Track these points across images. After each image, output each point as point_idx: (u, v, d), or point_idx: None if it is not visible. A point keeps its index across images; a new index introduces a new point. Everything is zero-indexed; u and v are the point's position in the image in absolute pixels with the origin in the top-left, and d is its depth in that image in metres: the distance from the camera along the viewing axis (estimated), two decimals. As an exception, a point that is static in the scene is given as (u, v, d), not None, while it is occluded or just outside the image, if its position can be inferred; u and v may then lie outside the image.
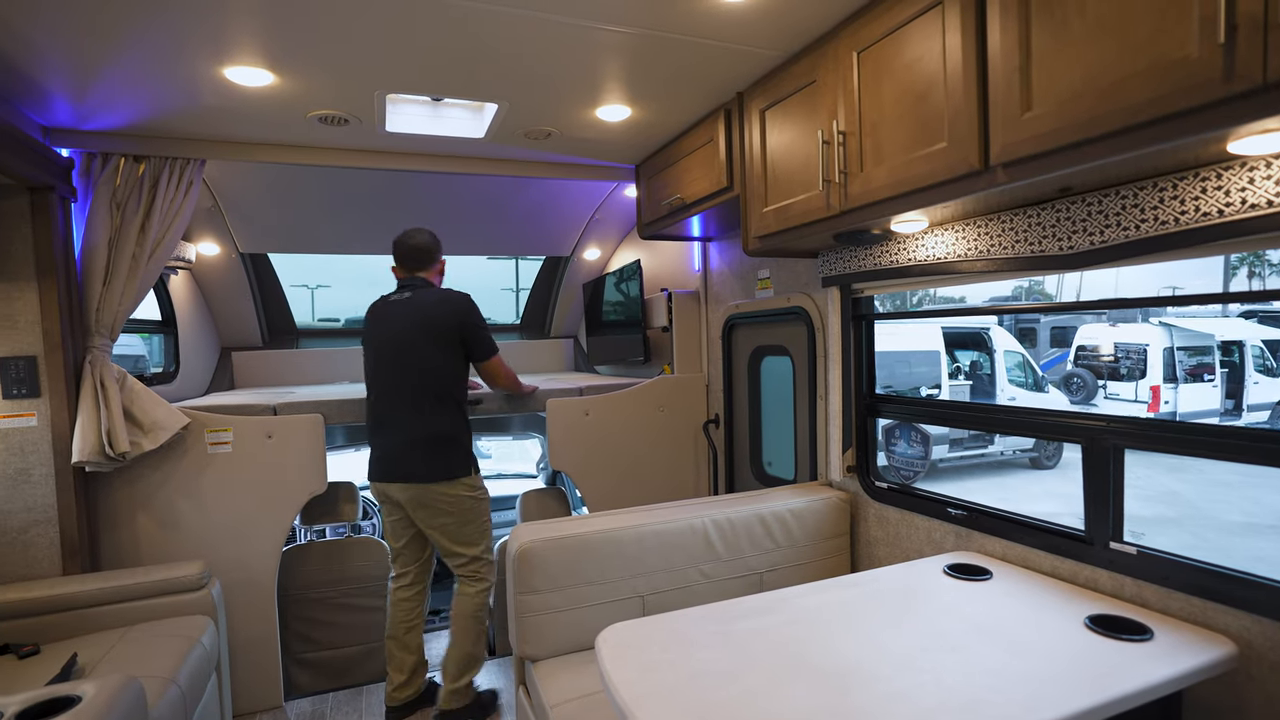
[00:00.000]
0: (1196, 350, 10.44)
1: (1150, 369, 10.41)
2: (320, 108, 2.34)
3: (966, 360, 10.71)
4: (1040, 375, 10.77)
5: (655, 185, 2.98)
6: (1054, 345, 15.18)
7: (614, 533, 2.06)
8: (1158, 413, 10.15)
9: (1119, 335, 11.06)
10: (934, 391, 9.64)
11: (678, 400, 3.36)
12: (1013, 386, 10.36)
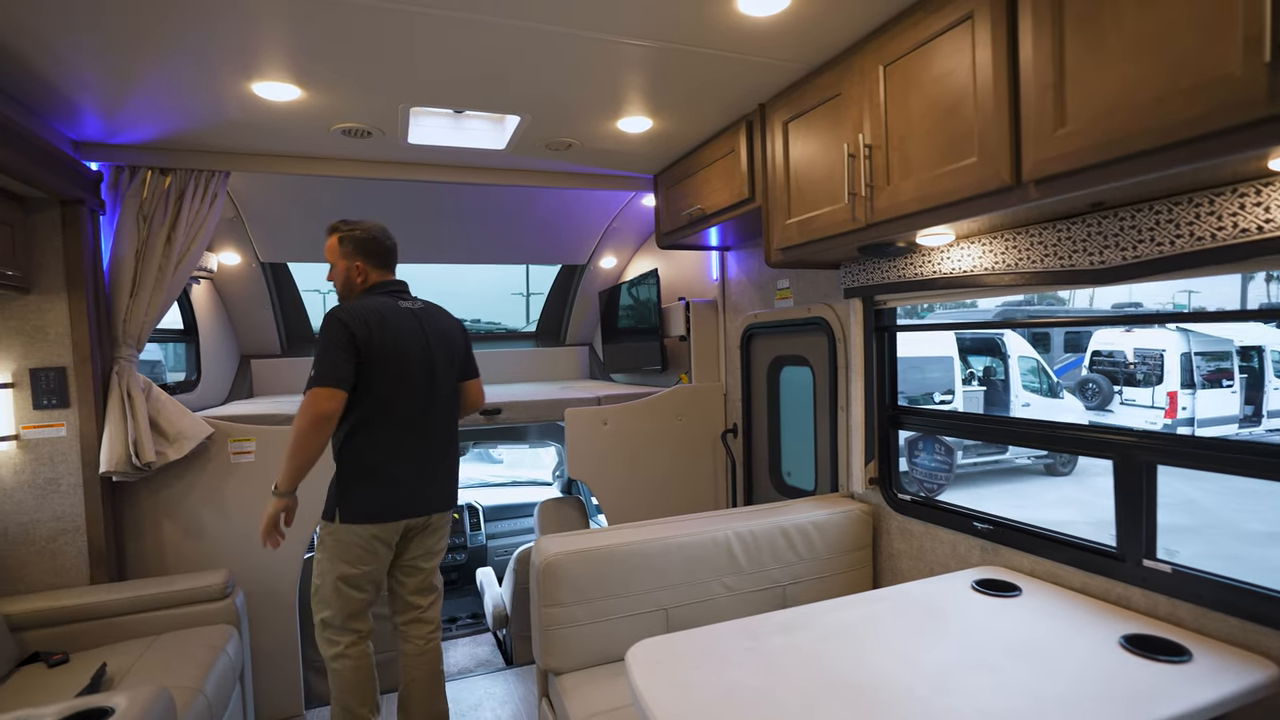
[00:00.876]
0: (1215, 355, 10.32)
1: (1167, 374, 10.29)
2: (344, 121, 2.36)
3: (980, 366, 10.64)
4: (1055, 381, 10.68)
5: (674, 195, 2.98)
6: (1068, 350, 15.07)
7: (638, 545, 2.06)
8: (1175, 418, 10.04)
9: (1135, 340, 10.95)
10: (947, 398, 9.58)
11: (696, 409, 3.36)
12: (1027, 393, 10.28)
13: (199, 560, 2.67)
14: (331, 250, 2.35)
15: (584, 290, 4.56)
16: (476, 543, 4.51)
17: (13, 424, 2.36)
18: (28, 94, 2.09)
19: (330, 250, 2.36)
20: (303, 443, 2.05)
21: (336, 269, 2.35)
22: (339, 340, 2.10)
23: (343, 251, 2.33)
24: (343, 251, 2.33)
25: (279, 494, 2.13)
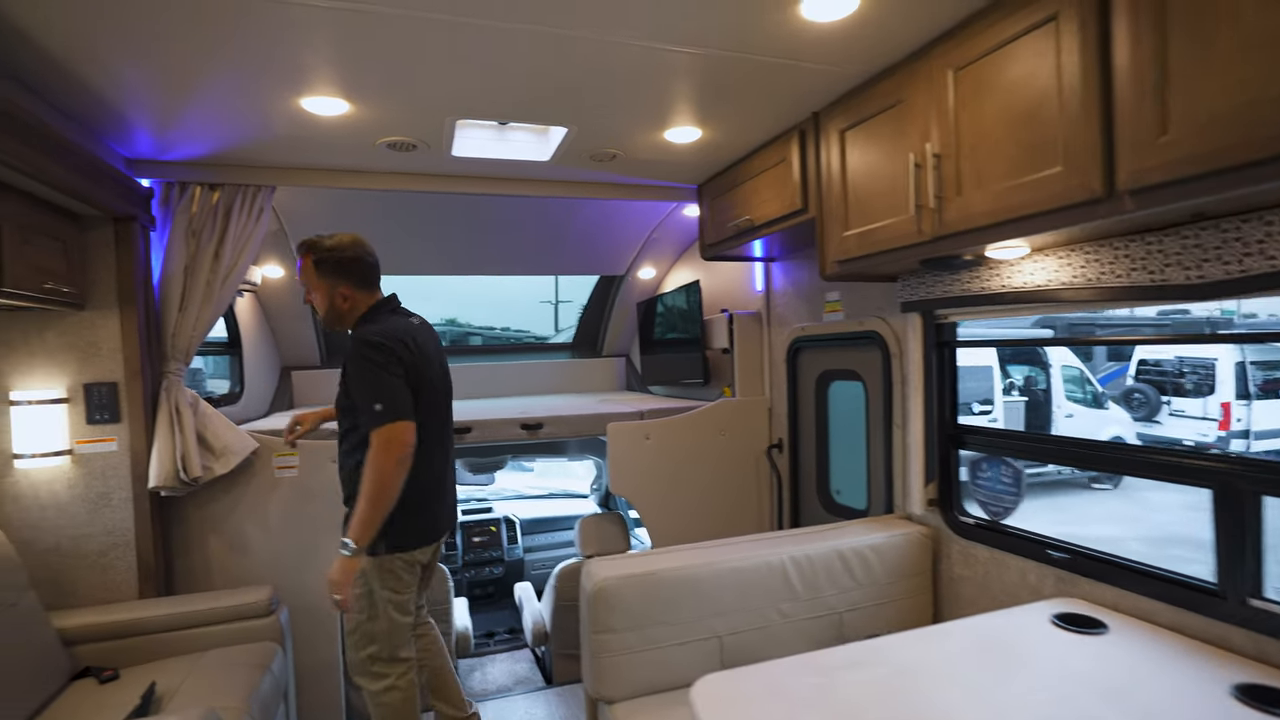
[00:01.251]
0: (1272, 364, 9.89)
1: (1220, 384, 9.89)
2: (390, 134, 2.35)
3: (1020, 375, 10.35)
4: (1100, 391, 10.34)
5: (720, 206, 2.92)
6: (1110, 359, 14.61)
7: (691, 570, 1.99)
8: (1229, 430, 9.63)
9: (1184, 348, 10.56)
10: (986, 408, 9.33)
11: (740, 424, 3.28)
12: (1070, 403, 9.96)
13: (243, 575, 2.67)
14: (307, 274, 2.13)
15: (621, 301, 4.51)
16: (514, 556, 4.47)
17: (67, 438, 2.38)
18: (85, 113, 2.11)
19: (306, 274, 2.13)
20: (391, 484, 1.94)
21: (316, 295, 2.14)
22: (393, 368, 2.01)
23: (320, 275, 2.11)
24: (320, 275, 2.11)
25: (356, 552, 1.96)
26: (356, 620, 2.16)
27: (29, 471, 2.34)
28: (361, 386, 1.99)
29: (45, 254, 2.12)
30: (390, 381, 1.99)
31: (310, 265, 2.14)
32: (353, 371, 2.05)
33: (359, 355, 2.02)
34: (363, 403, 1.98)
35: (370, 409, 1.96)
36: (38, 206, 2.09)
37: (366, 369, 1.99)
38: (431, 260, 3.87)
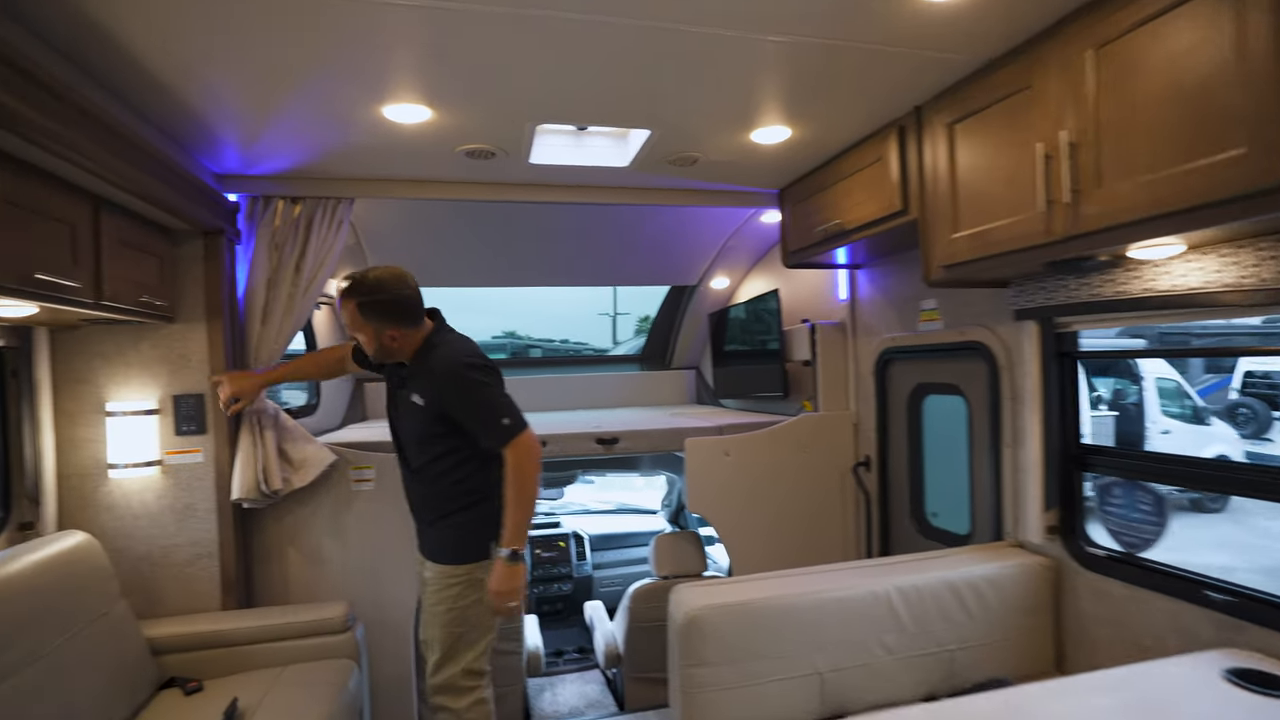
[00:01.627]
0: (1403, 378, 8.95)
1: (1342, 398, 9.01)
2: (470, 142, 2.30)
3: (1107, 388, 9.68)
4: (1200, 405, 9.58)
5: (805, 210, 2.77)
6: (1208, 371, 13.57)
7: (789, 600, 1.84)
8: (1352, 451, 8.75)
9: (1299, 360, 9.68)
10: (1073, 423, 8.72)
11: (823, 440, 3.10)
12: (1167, 419, 9.25)
13: (319, 588, 2.65)
14: (352, 318, 2.07)
15: (693, 312, 4.39)
16: (582, 573, 4.38)
17: (158, 449, 2.41)
18: (179, 130, 2.15)
19: (349, 317, 2.08)
20: (535, 489, 2.05)
21: (361, 336, 2.11)
22: (498, 383, 2.10)
23: (365, 319, 2.06)
24: (365, 319, 2.06)
25: (518, 557, 2.03)
26: (455, 634, 2.12)
27: (122, 481, 2.39)
28: (479, 408, 2.04)
29: (141, 268, 2.16)
30: (504, 396, 2.07)
31: (354, 309, 2.06)
32: (458, 398, 2.05)
33: (464, 379, 2.04)
34: (486, 422, 2.04)
35: (497, 425, 2.02)
36: (134, 221, 2.12)
37: (478, 390, 2.04)
38: (503, 272, 3.85)
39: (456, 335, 2.20)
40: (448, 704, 2.15)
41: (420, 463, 2.20)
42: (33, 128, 1.49)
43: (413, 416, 2.14)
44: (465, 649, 2.13)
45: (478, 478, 2.14)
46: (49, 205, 1.71)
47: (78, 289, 1.79)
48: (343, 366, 2.52)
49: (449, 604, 2.11)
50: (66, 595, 1.95)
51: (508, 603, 2.04)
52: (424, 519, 2.25)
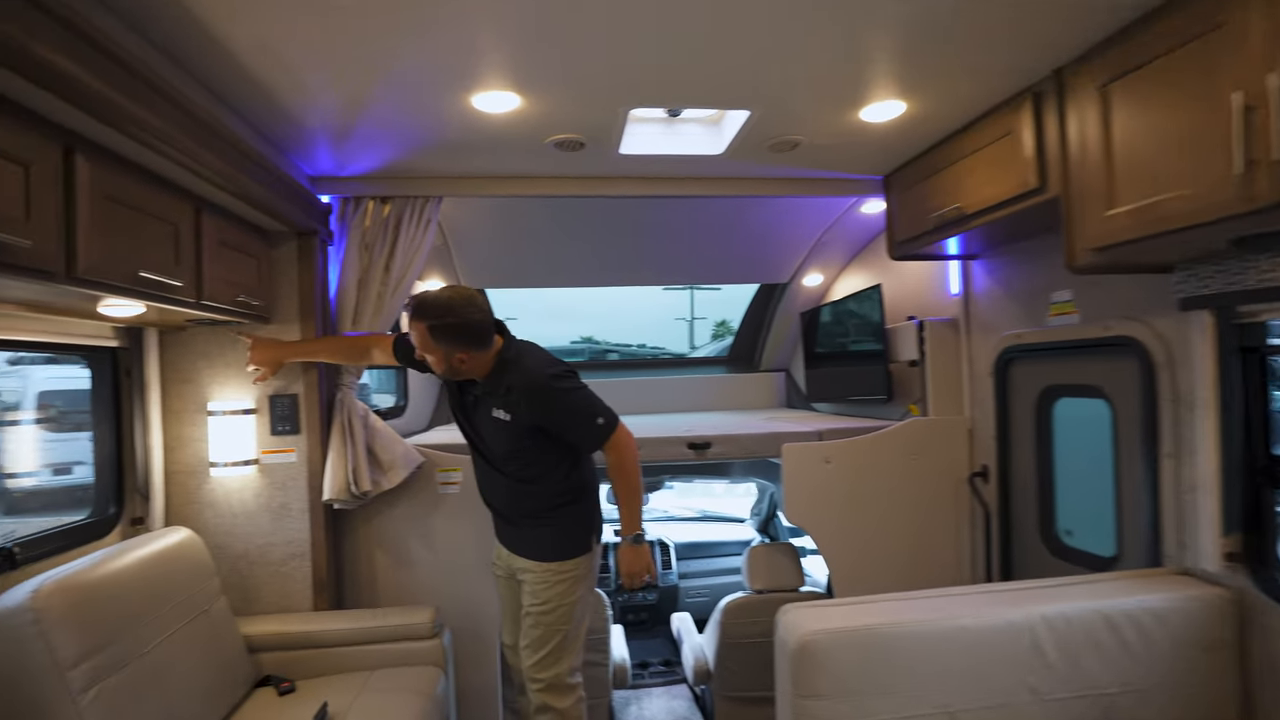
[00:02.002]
0: None
1: None
2: (560, 131, 2.21)
3: None
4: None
5: (915, 196, 2.53)
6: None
7: (914, 627, 1.63)
8: None
9: None
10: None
11: (933, 447, 2.84)
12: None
13: (406, 592, 2.62)
14: (422, 340, 2.03)
15: (784, 311, 4.17)
16: (668, 582, 4.22)
17: (255, 448, 2.44)
18: (275, 131, 2.17)
19: (420, 339, 2.03)
20: (639, 477, 2.17)
21: (431, 358, 2.06)
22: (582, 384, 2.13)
23: (436, 342, 2.01)
24: (436, 342, 2.01)
25: (642, 539, 2.19)
26: (560, 631, 2.14)
27: (223, 479, 2.43)
28: (572, 416, 2.08)
29: (239, 268, 2.18)
30: (591, 396, 2.11)
31: (424, 331, 2.01)
32: (550, 411, 2.06)
33: (552, 392, 2.05)
34: (581, 427, 2.08)
35: (593, 427, 2.08)
36: (232, 222, 2.14)
37: (568, 397, 2.07)
38: (589, 272, 3.77)
39: (527, 345, 2.18)
40: (552, 703, 2.13)
41: (512, 469, 2.17)
42: (142, 127, 1.50)
43: (498, 430, 2.11)
44: (570, 646, 2.16)
45: (574, 476, 2.17)
46: (154, 206, 1.73)
47: (180, 288, 1.80)
48: (369, 357, 2.45)
49: (555, 601, 2.12)
50: (171, 591, 1.98)
51: (640, 580, 2.19)
52: (513, 518, 2.23)
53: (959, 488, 2.84)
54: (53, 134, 1.40)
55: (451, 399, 2.26)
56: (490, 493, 2.28)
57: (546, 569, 2.15)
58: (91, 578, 1.74)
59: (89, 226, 1.48)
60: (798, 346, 4.27)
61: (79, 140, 1.47)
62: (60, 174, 1.42)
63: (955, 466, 2.84)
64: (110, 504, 2.27)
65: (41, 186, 1.36)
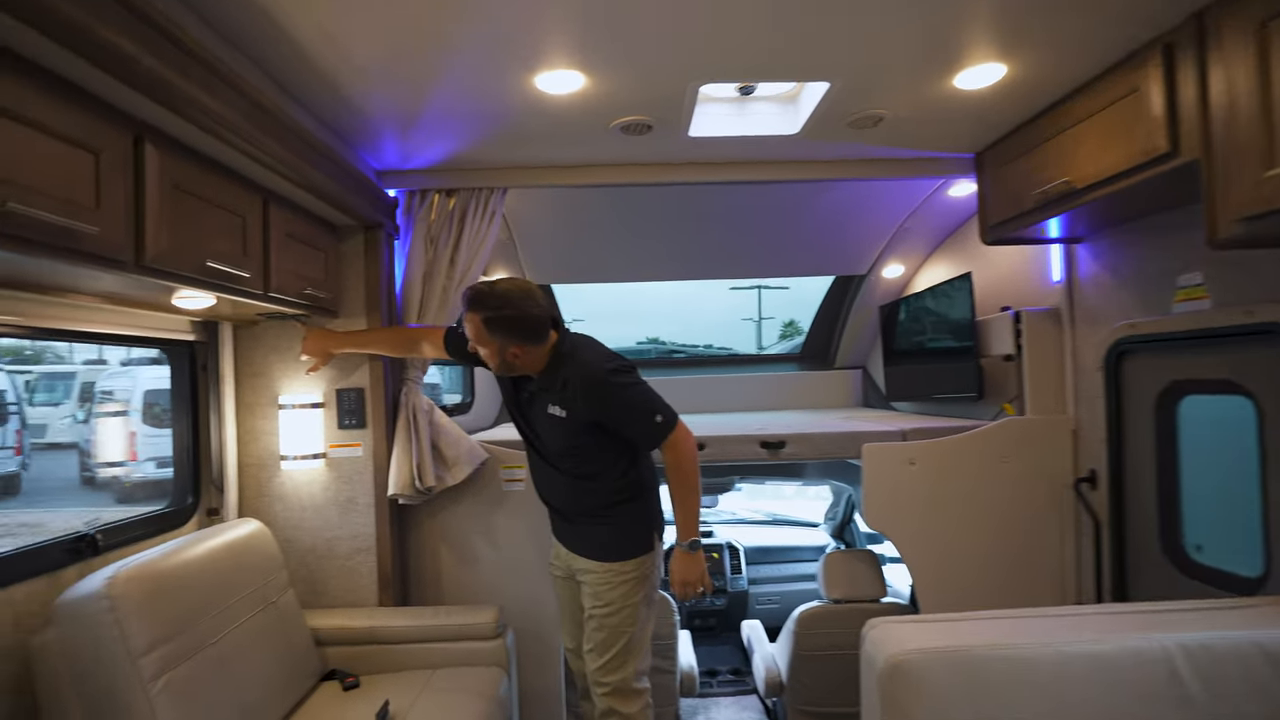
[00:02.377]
0: None
1: None
2: (626, 113, 2.11)
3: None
4: None
5: (1012, 174, 2.30)
6: None
7: (1024, 650, 1.43)
8: None
9: None
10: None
11: (1031, 449, 2.58)
12: None
13: (470, 590, 2.58)
14: (477, 332, 1.94)
15: (861, 305, 3.95)
16: (737, 588, 4.07)
17: (323, 442, 2.45)
18: (343, 125, 2.17)
19: (475, 331, 1.95)
20: (698, 478, 2.05)
21: (485, 351, 1.98)
22: (641, 379, 2.04)
23: (491, 334, 1.93)
24: (491, 334, 1.93)
25: (699, 544, 2.07)
26: (625, 634, 2.05)
27: (292, 473, 2.44)
28: (630, 412, 1.99)
29: (306, 261, 2.18)
30: (650, 392, 2.02)
31: (479, 324, 1.93)
32: (607, 408, 1.98)
33: (610, 387, 1.96)
34: (639, 424, 1.99)
35: (651, 424, 1.98)
36: (299, 215, 2.14)
37: (625, 393, 1.98)
38: (656, 265, 3.67)
39: (583, 339, 2.09)
40: (619, 708, 2.05)
41: (569, 465, 2.09)
42: (207, 114, 1.49)
43: (555, 427, 2.03)
44: (636, 649, 2.08)
45: (633, 473, 2.07)
46: (222, 197, 1.73)
47: (247, 279, 1.79)
48: (420, 350, 2.37)
49: (619, 602, 2.04)
50: (241, 582, 1.98)
51: (694, 590, 2.06)
52: (571, 516, 2.15)
53: (1061, 494, 2.57)
54: (122, 122, 1.40)
55: (506, 395, 2.19)
56: (547, 490, 2.20)
57: (608, 569, 2.06)
58: (164, 566, 1.75)
59: (157, 215, 1.47)
60: (876, 342, 4.04)
61: (147, 129, 1.47)
62: (130, 162, 1.42)
63: (1057, 471, 2.58)
64: (188, 494, 2.31)
65: (111, 174, 1.36)
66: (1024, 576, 2.56)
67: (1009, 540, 2.57)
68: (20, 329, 1.71)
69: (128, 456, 8.93)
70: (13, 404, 9.32)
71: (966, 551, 2.56)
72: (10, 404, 9.28)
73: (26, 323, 1.72)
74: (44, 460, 10.33)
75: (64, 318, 1.81)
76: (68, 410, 11.39)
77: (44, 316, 1.75)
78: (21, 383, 10.82)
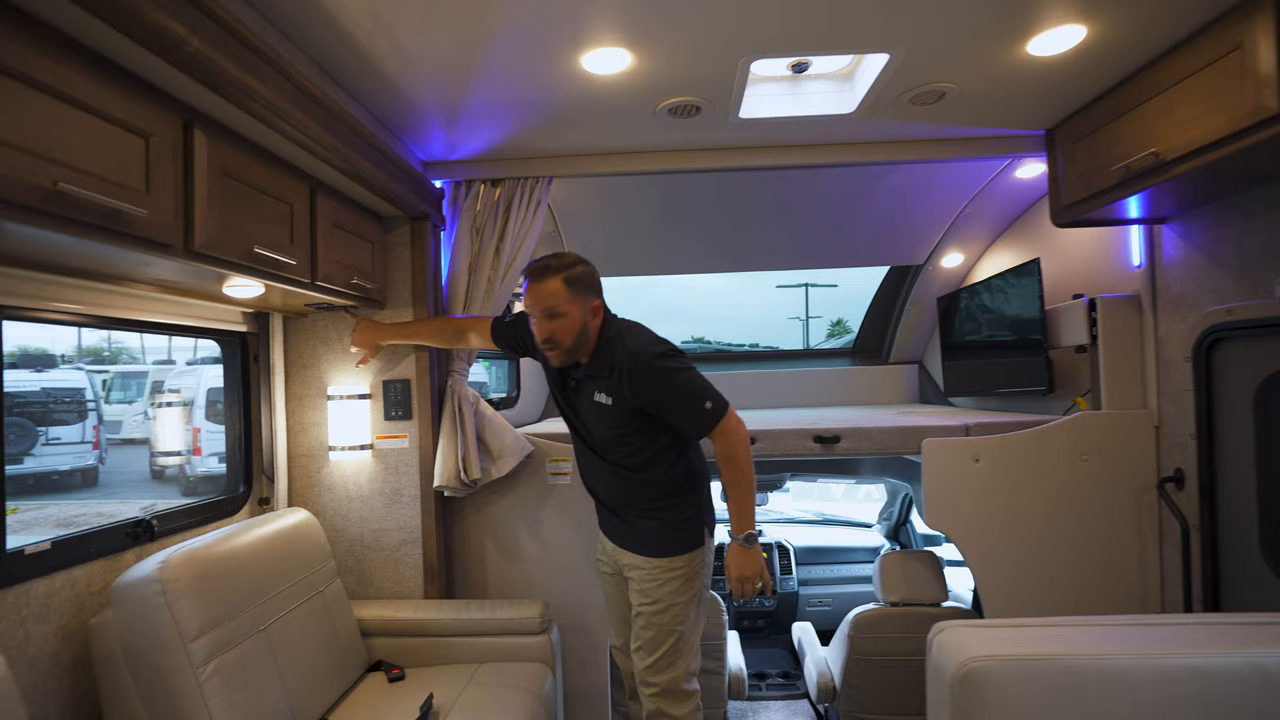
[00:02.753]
0: None
1: None
2: (674, 94, 2.04)
3: None
4: None
5: (1089, 148, 2.14)
6: None
7: (1116, 662, 1.30)
8: None
9: None
10: None
11: (1109, 446, 2.41)
12: None
13: (515, 584, 2.55)
14: (558, 295, 1.84)
15: (917, 297, 3.78)
16: (787, 588, 3.95)
17: (369, 433, 2.45)
18: (390, 115, 2.16)
19: (556, 296, 1.84)
20: (751, 469, 1.94)
21: (566, 321, 1.86)
22: (690, 365, 1.94)
23: (574, 293, 1.85)
24: (574, 293, 1.85)
25: (755, 539, 1.95)
26: (675, 633, 1.97)
27: (340, 463, 2.45)
28: (679, 399, 1.89)
29: (353, 251, 2.18)
30: (700, 378, 1.91)
31: (560, 284, 1.84)
32: (655, 394, 1.88)
33: (657, 372, 1.87)
34: (688, 411, 1.89)
35: (701, 412, 1.88)
36: (347, 205, 2.15)
37: (673, 378, 1.88)
38: (704, 257, 3.59)
39: (630, 324, 2.01)
40: (668, 710, 1.98)
41: (616, 456, 2.01)
42: (255, 99, 1.48)
43: (601, 415, 1.96)
44: (685, 649, 2.01)
45: (682, 464, 1.99)
46: (270, 184, 1.73)
47: (294, 266, 1.80)
48: (466, 340, 2.34)
49: (667, 600, 1.96)
50: (289, 570, 1.99)
51: (753, 587, 1.95)
52: (618, 509, 2.08)
53: (1143, 495, 2.39)
54: (172, 107, 1.40)
55: (552, 384, 2.13)
56: (594, 481, 2.14)
57: (656, 565, 1.98)
58: (215, 552, 1.76)
59: (206, 201, 1.47)
60: (933, 335, 3.86)
61: (197, 115, 1.48)
62: (180, 147, 1.43)
63: (1138, 470, 2.40)
64: (240, 484, 2.34)
65: (161, 159, 1.36)
66: (1100, 582, 2.39)
67: (1083, 543, 2.40)
68: (81, 317, 1.74)
69: (192, 451, 9.31)
70: (91, 401, 9.81)
71: (1036, 554, 2.41)
72: (89, 401, 9.77)
73: (87, 310, 1.75)
74: (119, 454, 10.86)
75: (122, 306, 1.84)
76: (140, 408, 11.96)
77: (103, 305, 1.78)
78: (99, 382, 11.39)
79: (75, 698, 1.64)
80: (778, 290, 27.12)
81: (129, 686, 1.60)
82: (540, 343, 1.91)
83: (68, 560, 1.65)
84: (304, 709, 1.84)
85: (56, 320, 1.70)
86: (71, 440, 9.43)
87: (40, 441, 9.12)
